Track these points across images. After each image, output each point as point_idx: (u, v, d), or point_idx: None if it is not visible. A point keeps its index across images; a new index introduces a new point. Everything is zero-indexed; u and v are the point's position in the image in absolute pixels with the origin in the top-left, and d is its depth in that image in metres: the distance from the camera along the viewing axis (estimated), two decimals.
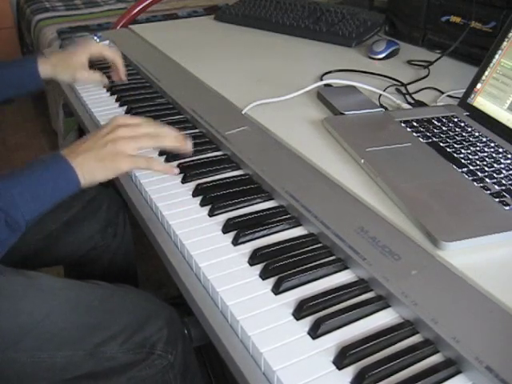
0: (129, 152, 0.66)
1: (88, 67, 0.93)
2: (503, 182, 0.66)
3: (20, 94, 0.93)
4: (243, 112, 0.88)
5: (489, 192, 0.64)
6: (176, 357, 0.78)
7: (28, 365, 0.69)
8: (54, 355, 0.70)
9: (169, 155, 0.78)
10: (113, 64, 1.02)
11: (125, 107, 0.98)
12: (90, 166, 0.64)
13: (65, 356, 0.70)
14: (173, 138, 0.69)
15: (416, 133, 0.77)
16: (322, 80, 1.00)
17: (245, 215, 0.66)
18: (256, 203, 0.69)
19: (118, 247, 1.05)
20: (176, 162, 0.78)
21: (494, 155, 0.71)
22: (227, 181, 0.74)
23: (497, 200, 0.62)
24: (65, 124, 2.00)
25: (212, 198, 0.69)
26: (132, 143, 0.66)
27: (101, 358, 0.72)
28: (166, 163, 0.66)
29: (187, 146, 0.70)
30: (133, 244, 1.10)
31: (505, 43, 0.80)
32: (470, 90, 0.83)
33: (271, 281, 0.56)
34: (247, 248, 0.61)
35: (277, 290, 0.54)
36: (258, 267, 0.58)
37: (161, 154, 0.81)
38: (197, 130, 0.89)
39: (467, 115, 0.82)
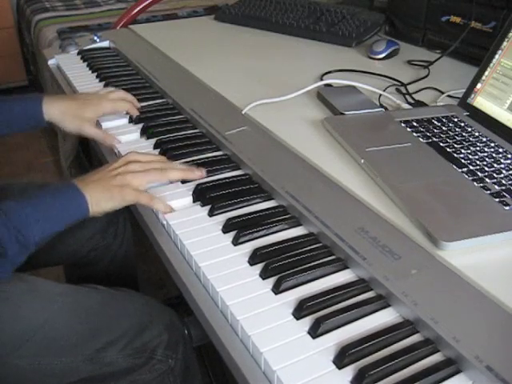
0: (135, 185, 0.69)
1: (95, 123, 0.89)
2: (503, 182, 0.66)
3: (20, 130, 0.91)
4: (243, 112, 0.88)
5: (489, 192, 0.64)
6: (176, 361, 0.77)
7: (28, 371, 0.68)
8: (54, 361, 0.69)
9: (169, 155, 0.78)
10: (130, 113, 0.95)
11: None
12: (99, 195, 0.67)
13: (65, 361, 0.70)
14: (179, 172, 0.72)
15: (416, 133, 0.77)
16: (322, 80, 1.00)
17: (245, 215, 0.66)
18: (256, 203, 0.69)
19: (118, 248, 1.05)
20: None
21: (493, 155, 0.71)
22: (227, 181, 0.74)
23: (497, 200, 0.62)
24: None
25: (212, 198, 0.69)
26: (140, 177, 0.69)
27: (101, 363, 0.72)
28: (166, 203, 0.69)
29: (195, 174, 0.73)
30: (133, 244, 1.10)
31: (505, 43, 0.80)
32: (470, 90, 0.84)
33: (271, 280, 0.56)
34: (247, 248, 0.61)
35: (277, 289, 0.54)
36: (258, 267, 0.58)
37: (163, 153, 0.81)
38: (197, 130, 0.89)
39: (467, 115, 0.82)
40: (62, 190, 0.67)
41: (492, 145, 0.74)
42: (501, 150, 0.73)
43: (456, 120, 0.81)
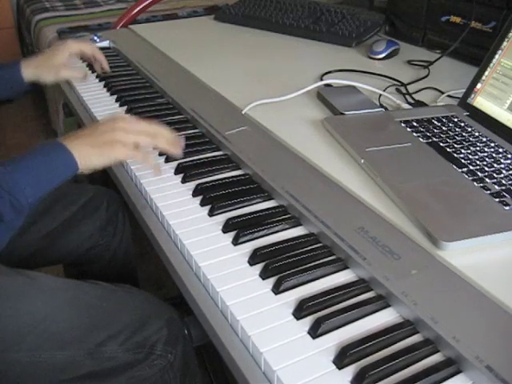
0: (127, 142, 0.68)
1: (70, 65, 0.96)
2: (503, 182, 0.66)
3: (4, 96, 0.93)
4: (243, 112, 0.88)
5: (489, 192, 0.64)
6: (176, 357, 0.78)
7: (28, 365, 0.69)
8: (55, 355, 0.70)
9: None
10: (93, 58, 1.06)
11: (125, 107, 0.98)
12: (87, 151, 0.67)
13: (65, 356, 0.70)
14: (167, 141, 0.72)
15: (416, 133, 0.77)
16: (322, 80, 1.00)
17: (245, 215, 0.66)
18: (256, 203, 0.69)
19: (117, 246, 1.05)
20: (176, 163, 0.78)
21: (493, 155, 0.71)
22: (227, 181, 0.74)
23: (497, 200, 0.62)
24: (65, 124, 2.00)
25: (212, 198, 0.69)
26: (130, 135, 0.69)
27: (101, 357, 0.72)
28: (156, 163, 0.71)
29: (177, 151, 0.74)
30: (132, 243, 1.10)
31: (505, 43, 0.80)
32: (470, 90, 0.83)
33: (271, 280, 0.56)
34: (247, 248, 0.61)
35: (277, 289, 0.54)
36: (258, 267, 0.58)
37: (160, 154, 0.81)
38: (197, 130, 0.89)
39: (467, 115, 0.82)
40: (48, 150, 0.66)
41: (492, 145, 0.74)
42: (501, 150, 0.73)
43: (456, 120, 0.81)
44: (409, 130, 0.78)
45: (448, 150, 0.73)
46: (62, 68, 0.94)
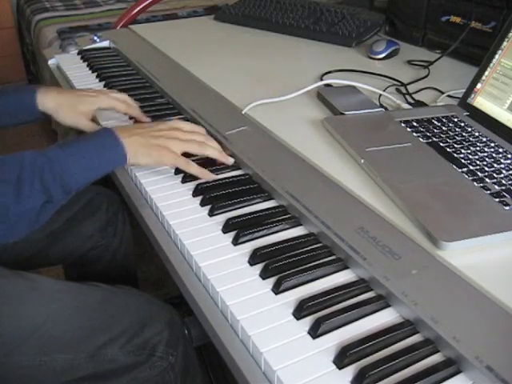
0: (175, 150, 0.72)
1: (91, 118, 0.87)
2: (503, 182, 0.66)
3: (15, 123, 0.87)
4: (243, 112, 0.88)
5: (489, 192, 0.64)
6: (177, 358, 0.78)
7: (29, 368, 0.69)
8: (55, 358, 0.70)
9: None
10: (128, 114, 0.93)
11: None
12: (138, 149, 0.70)
13: (66, 359, 0.70)
14: (216, 151, 0.76)
15: (416, 133, 0.77)
16: (322, 80, 1.00)
17: (245, 215, 0.66)
18: (256, 203, 0.69)
19: (117, 246, 1.05)
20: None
21: (494, 155, 0.71)
22: (227, 181, 0.74)
23: (497, 200, 0.62)
24: (65, 127, 2.00)
25: (212, 198, 0.69)
26: (181, 144, 0.73)
27: (102, 360, 0.72)
28: (201, 167, 0.73)
29: (227, 160, 0.77)
30: (132, 243, 1.10)
31: (505, 43, 0.80)
32: (470, 90, 0.83)
33: (271, 280, 0.56)
34: (247, 248, 0.61)
35: (277, 289, 0.54)
36: (258, 267, 0.58)
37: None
38: None
39: (467, 115, 0.82)
40: (103, 139, 0.69)
41: (492, 145, 0.74)
42: (501, 150, 0.73)
43: (456, 120, 0.81)
44: (409, 130, 0.78)
45: (448, 149, 0.73)
46: (82, 117, 0.86)
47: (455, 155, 0.71)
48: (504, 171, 0.68)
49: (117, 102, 0.88)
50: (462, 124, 0.79)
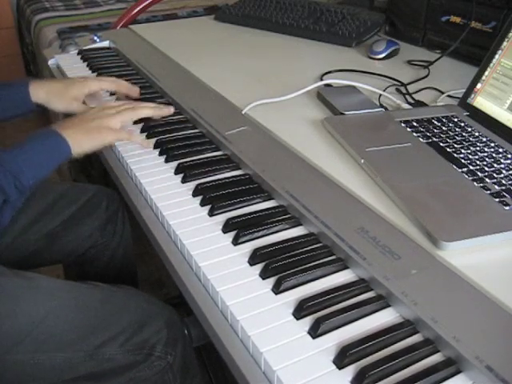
0: (113, 126, 0.77)
1: (83, 100, 0.91)
2: (503, 181, 0.66)
3: (9, 116, 0.89)
4: (243, 112, 0.88)
5: (489, 192, 0.64)
6: (176, 358, 0.78)
7: (27, 366, 0.69)
8: (54, 356, 0.70)
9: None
10: (118, 91, 0.97)
11: None
12: (79, 138, 0.74)
13: (64, 357, 0.70)
14: (149, 110, 0.80)
15: (416, 133, 0.77)
16: (322, 80, 1.00)
17: (245, 215, 0.66)
18: (256, 203, 0.69)
19: (117, 245, 1.05)
20: (176, 162, 0.78)
21: (493, 155, 0.71)
22: (227, 181, 0.74)
23: (497, 200, 0.62)
24: None
25: (212, 198, 0.69)
26: (116, 117, 0.77)
27: (100, 359, 0.72)
28: (144, 138, 0.79)
29: (163, 111, 0.81)
30: (132, 242, 1.10)
31: (505, 43, 0.80)
32: (470, 89, 0.83)
33: (271, 280, 0.56)
34: (247, 248, 0.61)
35: (277, 289, 0.54)
36: (258, 267, 0.58)
37: (160, 154, 0.81)
38: (197, 130, 0.89)
39: (467, 115, 0.82)
40: (45, 137, 0.73)
41: (492, 145, 0.74)
42: (501, 150, 0.73)
43: (456, 120, 0.81)
44: (409, 129, 0.78)
45: (448, 149, 0.73)
46: (74, 101, 0.89)
47: (455, 155, 0.71)
48: (504, 171, 0.68)
49: (105, 82, 0.94)
50: (462, 124, 0.79)
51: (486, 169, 0.68)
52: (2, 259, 0.77)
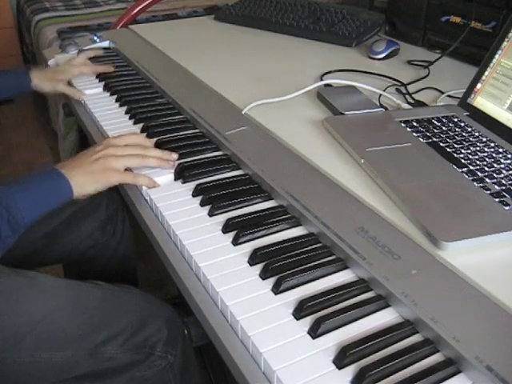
0: (117, 167, 0.74)
1: (67, 83, 1.10)
2: (503, 181, 0.66)
3: (8, 96, 1.10)
4: (243, 112, 0.88)
5: (489, 192, 0.64)
6: (176, 357, 0.78)
7: (28, 365, 0.69)
8: (54, 355, 0.70)
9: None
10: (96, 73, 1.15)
11: (125, 107, 0.98)
12: (82, 179, 0.72)
13: (65, 356, 0.70)
14: (156, 160, 0.76)
15: (416, 133, 0.77)
16: (322, 80, 1.00)
17: (245, 215, 0.66)
18: (256, 203, 0.69)
19: (117, 245, 1.05)
20: (176, 163, 0.78)
21: (494, 155, 0.71)
22: (227, 181, 0.74)
23: (497, 200, 0.62)
24: (65, 124, 2.00)
25: (212, 198, 0.69)
26: (120, 161, 0.74)
27: (101, 358, 0.72)
28: (150, 178, 0.74)
29: (169, 164, 0.77)
30: (132, 242, 1.10)
31: (505, 43, 0.80)
32: (470, 89, 0.83)
33: (271, 281, 0.56)
34: (247, 248, 0.61)
35: (277, 289, 0.54)
36: (258, 267, 0.58)
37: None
38: (197, 130, 0.89)
39: (467, 115, 0.82)
40: (47, 176, 0.71)
41: (492, 145, 0.74)
42: (501, 150, 0.73)
43: (456, 120, 0.81)
44: (409, 130, 0.78)
45: (448, 149, 0.73)
46: (60, 82, 1.07)
47: (455, 155, 0.71)
48: (504, 171, 0.68)
49: (84, 68, 1.13)
50: (462, 124, 0.79)
51: (486, 169, 0.68)
52: (2, 258, 0.77)
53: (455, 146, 0.74)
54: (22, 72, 1.09)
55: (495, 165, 0.69)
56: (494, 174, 0.67)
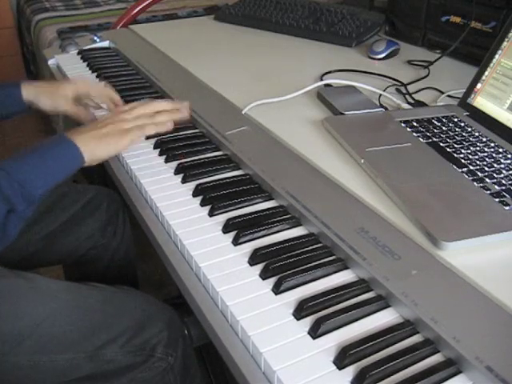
0: (127, 129, 0.72)
1: (72, 101, 0.90)
2: (503, 181, 0.66)
3: (3, 115, 0.91)
4: (243, 112, 0.88)
5: (489, 192, 0.64)
6: (176, 359, 0.77)
7: (28, 368, 0.69)
8: (55, 358, 0.70)
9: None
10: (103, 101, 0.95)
11: None
12: (92, 145, 0.70)
13: (65, 359, 0.70)
14: (167, 114, 0.76)
15: (416, 133, 0.77)
16: (322, 80, 1.00)
17: (245, 215, 0.66)
18: (256, 203, 0.69)
19: (117, 246, 1.05)
20: (175, 162, 0.78)
21: (493, 155, 0.71)
22: (227, 181, 0.74)
23: (497, 200, 0.62)
24: (65, 124, 2.00)
25: (212, 198, 0.69)
26: (130, 123, 0.73)
27: (101, 360, 0.72)
28: (157, 124, 0.75)
29: (183, 114, 0.77)
30: (132, 243, 1.10)
31: (505, 43, 0.80)
32: (470, 89, 0.83)
33: (271, 281, 0.56)
34: (247, 248, 0.61)
35: (277, 289, 0.54)
36: (258, 267, 0.58)
37: (160, 154, 0.81)
38: (197, 130, 0.89)
39: (467, 115, 0.82)
40: (56, 144, 0.69)
41: (492, 145, 0.74)
42: (501, 150, 0.73)
43: (456, 120, 0.81)
44: (409, 130, 0.78)
45: (448, 149, 0.73)
46: (62, 101, 0.89)
47: (455, 155, 0.71)
48: (504, 171, 0.68)
49: (93, 88, 0.93)
50: (462, 124, 0.79)
51: (486, 169, 0.68)
52: (2, 260, 0.77)
53: (455, 145, 0.74)
54: (12, 84, 0.90)
55: (495, 165, 0.69)
56: (494, 174, 0.67)
